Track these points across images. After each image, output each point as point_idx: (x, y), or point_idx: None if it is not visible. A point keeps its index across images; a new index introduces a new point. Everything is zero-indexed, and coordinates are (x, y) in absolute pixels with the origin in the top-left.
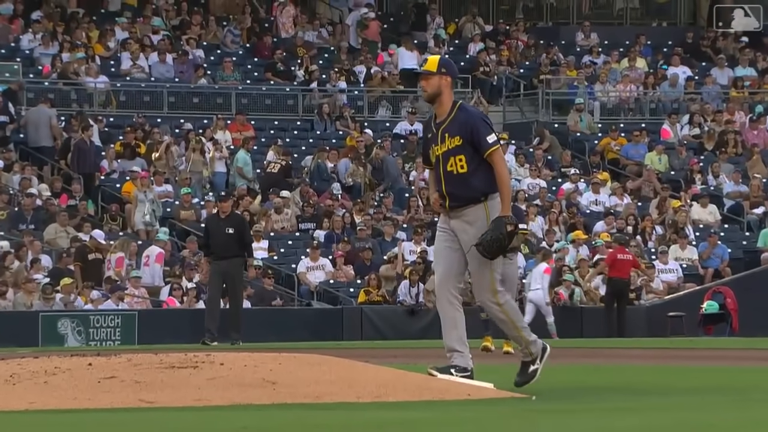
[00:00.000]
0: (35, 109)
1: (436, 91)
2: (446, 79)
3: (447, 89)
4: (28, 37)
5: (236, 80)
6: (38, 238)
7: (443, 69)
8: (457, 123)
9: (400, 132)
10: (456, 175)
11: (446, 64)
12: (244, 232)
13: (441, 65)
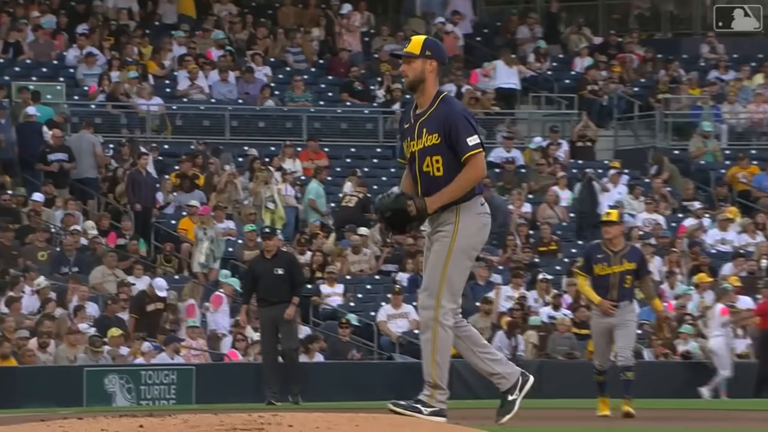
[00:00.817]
0: (77, 136)
1: (418, 76)
2: (431, 64)
3: (431, 75)
4: (73, 53)
5: (308, 102)
6: (83, 283)
7: (428, 51)
8: (436, 118)
9: (494, 159)
10: (431, 178)
11: (432, 46)
12: (294, 273)
13: (426, 47)
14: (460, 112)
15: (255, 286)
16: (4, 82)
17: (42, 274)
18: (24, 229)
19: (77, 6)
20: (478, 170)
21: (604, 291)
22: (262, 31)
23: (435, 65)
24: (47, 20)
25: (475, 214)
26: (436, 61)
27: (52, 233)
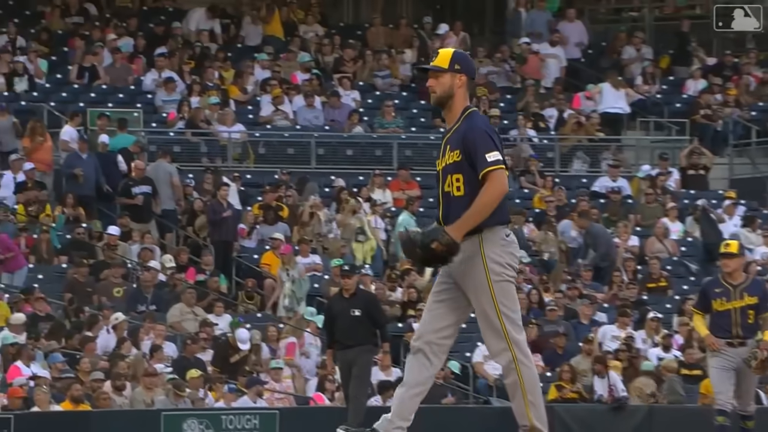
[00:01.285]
0: (154, 165)
1: (446, 92)
2: (460, 78)
3: (460, 90)
4: (150, 78)
5: (399, 128)
6: (160, 321)
7: (457, 65)
8: (459, 133)
9: (599, 189)
10: (452, 198)
11: (461, 60)
12: (374, 314)
13: (454, 60)
14: (481, 127)
15: (333, 326)
16: (79, 109)
17: (118, 309)
18: (99, 265)
19: (155, 28)
20: (497, 188)
21: (725, 329)
22: (350, 53)
23: (464, 80)
24: (124, 43)
25: (500, 243)
26: (465, 75)
27: (128, 269)
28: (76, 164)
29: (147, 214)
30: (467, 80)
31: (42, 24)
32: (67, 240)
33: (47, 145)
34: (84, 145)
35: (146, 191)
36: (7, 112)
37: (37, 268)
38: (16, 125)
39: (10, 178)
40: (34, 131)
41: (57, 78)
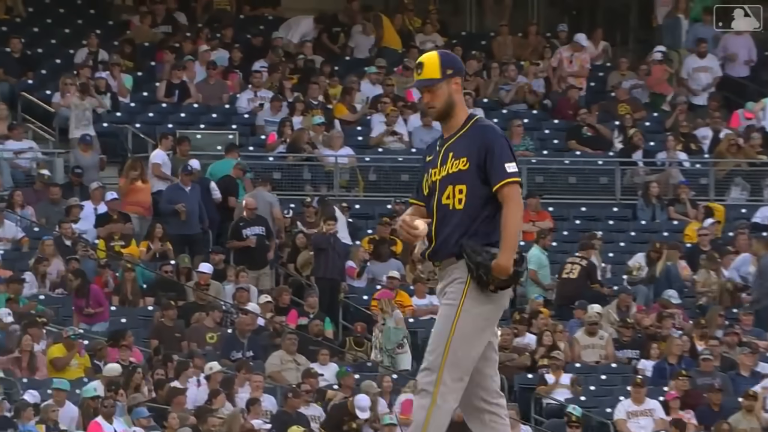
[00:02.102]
0: (252, 194)
1: (447, 103)
2: (455, 83)
3: (459, 96)
4: (247, 96)
5: (528, 150)
6: (258, 371)
7: (448, 70)
8: (468, 139)
9: (761, 221)
10: (449, 212)
11: (449, 61)
12: None
13: (444, 65)
14: (501, 134)
15: None
16: (168, 131)
17: (210, 359)
18: (189, 307)
19: (253, 39)
20: (518, 202)
21: None
22: (473, 65)
23: (459, 81)
24: (218, 56)
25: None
26: (458, 76)
27: (222, 311)
28: (178, 198)
29: (261, 259)
30: (461, 80)
31: (126, 35)
32: (153, 279)
33: (146, 186)
34: (187, 178)
35: (259, 233)
36: (90, 148)
37: (119, 311)
38: (103, 162)
39: (91, 209)
40: (132, 170)
41: (143, 96)
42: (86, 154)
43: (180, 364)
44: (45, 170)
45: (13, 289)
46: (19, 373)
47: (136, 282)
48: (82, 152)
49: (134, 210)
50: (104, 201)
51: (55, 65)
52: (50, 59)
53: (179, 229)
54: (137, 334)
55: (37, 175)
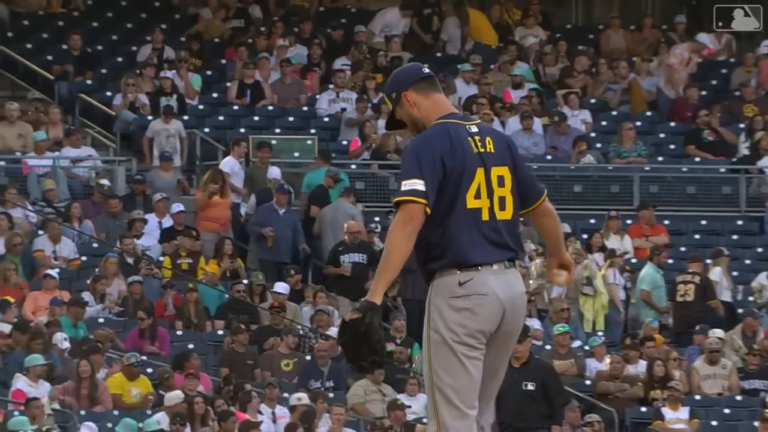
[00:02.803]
0: (331, 207)
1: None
2: (406, 98)
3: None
4: (327, 97)
5: (641, 157)
6: (339, 402)
7: (392, 93)
8: None
9: None
10: None
11: (391, 85)
12: (551, 390)
13: (389, 91)
14: (412, 147)
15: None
16: (240, 136)
17: (285, 390)
18: (263, 331)
19: (334, 33)
20: (397, 226)
21: None
22: (580, 61)
23: (411, 95)
24: (295, 53)
25: (448, 296)
26: (403, 91)
27: (300, 336)
28: (269, 221)
29: (357, 290)
30: (415, 91)
31: (194, 30)
32: (223, 300)
33: (225, 201)
34: (283, 197)
35: (359, 260)
36: (172, 166)
37: (186, 335)
38: (182, 185)
39: (155, 223)
40: (212, 182)
41: (212, 98)
42: (167, 174)
43: (250, 394)
44: (105, 180)
45: (75, 312)
46: (76, 404)
47: (200, 303)
48: (162, 172)
49: (211, 228)
50: (170, 213)
51: (116, 63)
52: (111, 57)
53: (266, 255)
54: (205, 362)
55: (96, 186)
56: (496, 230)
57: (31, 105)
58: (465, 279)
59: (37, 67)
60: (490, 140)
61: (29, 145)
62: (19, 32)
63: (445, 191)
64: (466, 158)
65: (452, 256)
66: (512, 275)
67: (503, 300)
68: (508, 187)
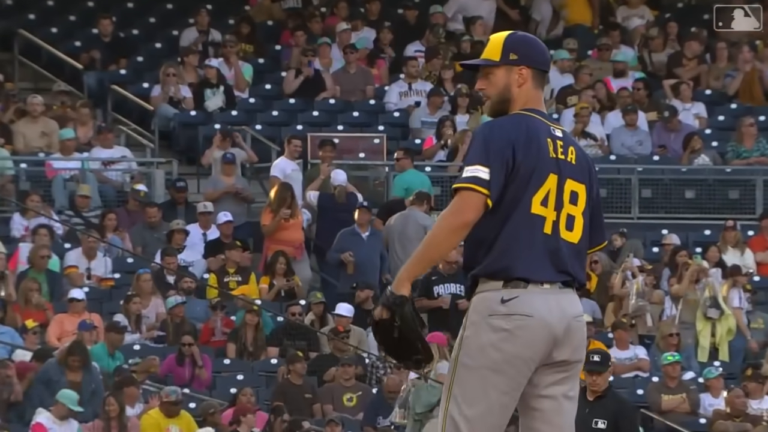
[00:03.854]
0: (401, 216)
1: (502, 94)
2: (520, 72)
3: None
4: (398, 88)
5: (765, 156)
6: None
7: (512, 54)
8: None
9: None
10: None
11: (519, 44)
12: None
13: (508, 47)
14: (481, 131)
15: None
16: (297, 133)
17: (349, 427)
18: (323, 360)
19: (406, 13)
20: (447, 214)
21: None
22: (692, 47)
23: (527, 73)
24: (361, 37)
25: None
26: (527, 66)
27: (366, 366)
28: (350, 245)
29: (456, 325)
30: (533, 72)
31: (244, 11)
32: (276, 323)
33: (297, 221)
34: (365, 216)
35: (456, 291)
36: (234, 170)
37: (234, 364)
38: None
39: (198, 235)
40: (281, 202)
41: (265, 89)
42: (229, 178)
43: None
44: (141, 185)
45: (112, 339)
46: None
47: (262, 328)
48: (224, 176)
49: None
50: (216, 224)
51: (154, 50)
52: (148, 43)
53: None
54: (256, 395)
55: (131, 192)
56: (555, 249)
57: (56, 98)
58: (509, 296)
59: (63, 55)
60: (573, 150)
61: (54, 144)
62: (42, 14)
63: (510, 187)
64: (540, 157)
65: (500, 262)
66: (567, 297)
67: (553, 324)
68: (580, 207)
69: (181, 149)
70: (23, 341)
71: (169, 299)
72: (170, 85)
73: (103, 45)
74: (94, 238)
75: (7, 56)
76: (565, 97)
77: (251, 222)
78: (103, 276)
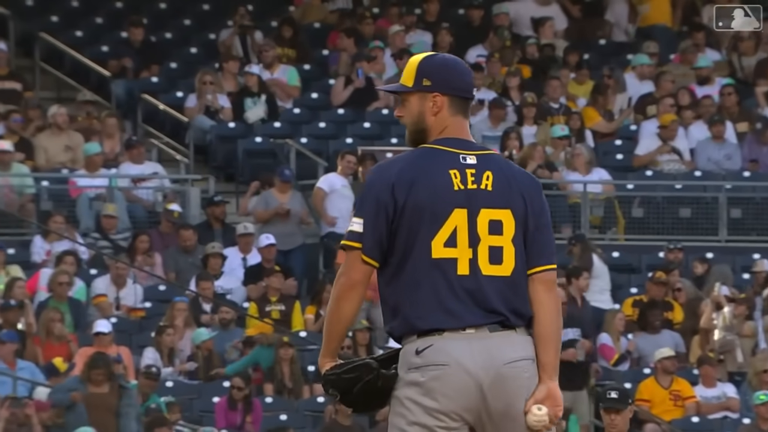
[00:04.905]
0: None
1: (415, 122)
2: (433, 100)
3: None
4: None
5: None
6: None
7: (425, 80)
8: None
9: None
10: None
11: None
12: None
13: (422, 72)
14: (368, 175)
15: None
16: (347, 147)
17: None
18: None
19: (469, 13)
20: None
21: None
22: None
23: (441, 100)
24: (418, 40)
25: (406, 368)
26: (441, 93)
27: None
28: None
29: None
30: (449, 101)
31: (288, 12)
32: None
33: None
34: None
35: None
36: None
37: (277, 403)
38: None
39: (238, 259)
40: None
41: (311, 99)
42: (283, 195)
43: None
44: (174, 205)
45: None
46: None
47: (296, 362)
48: (278, 194)
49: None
50: (257, 247)
51: (188, 56)
52: (182, 47)
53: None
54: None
55: (164, 212)
56: (477, 288)
57: (81, 109)
58: (423, 346)
59: (88, 61)
60: (489, 175)
61: (79, 160)
62: (66, 17)
63: (400, 234)
64: (436, 194)
65: (404, 317)
66: (499, 339)
67: (475, 371)
68: (507, 236)
69: (218, 165)
70: (44, 377)
71: (198, 331)
72: (207, 93)
73: (133, 50)
74: (123, 263)
75: (27, 62)
76: (645, 107)
77: (308, 244)
78: (133, 306)
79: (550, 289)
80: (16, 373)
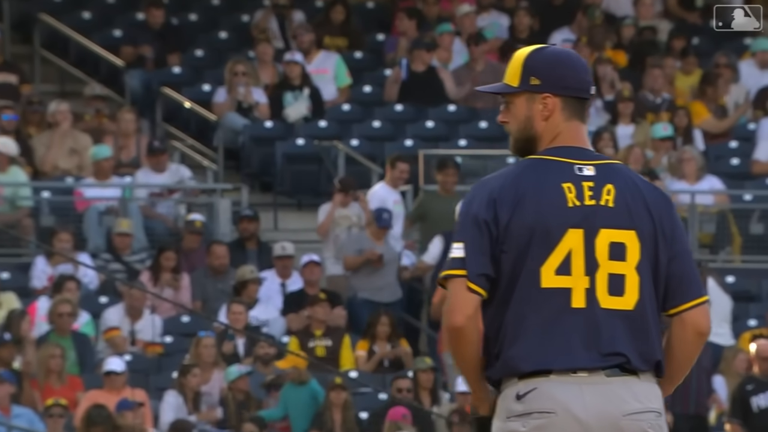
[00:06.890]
0: None
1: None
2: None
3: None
4: None
5: None
6: None
7: (533, 79)
8: None
9: None
10: None
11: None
12: None
13: (528, 70)
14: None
15: None
16: (404, 151)
17: None
18: None
19: None
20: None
21: None
22: None
23: (553, 102)
24: (490, 24)
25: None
26: (552, 94)
27: None
28: None
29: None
30: (562, 102)
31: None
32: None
33: None
34: None
35: None
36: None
37: None
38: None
39: (277, 285)
40: None
41: (363, 93)
42: (379, 242)
43: None
44: (196, 214)
45: None
46: None
47: (351, 408)
48: (373, 238)
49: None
50: (298, 270)
51: (216, 41)
52: (209, 32)
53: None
54: None
55: (185, 225)
56: (593, 324)
57: (89, 105)
58: (525, 390)
59: (98, 48)
60: (611, 189)
61: (86, 166)
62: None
63: (503, 260)
64: (546, 212)
65: (505, 358)
66: (617, 386)
67: (587, 421)
68: (631, 262)
69: (252, 172)
70: (43, 426)
71: (230, 369)
72: (239, 86)
73: (151, 35)
74: (139, 290)
75: (25, 50)
76: (765, 102)
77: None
78: (151, 340)
79: (702, 332)
80: (11, 420)
